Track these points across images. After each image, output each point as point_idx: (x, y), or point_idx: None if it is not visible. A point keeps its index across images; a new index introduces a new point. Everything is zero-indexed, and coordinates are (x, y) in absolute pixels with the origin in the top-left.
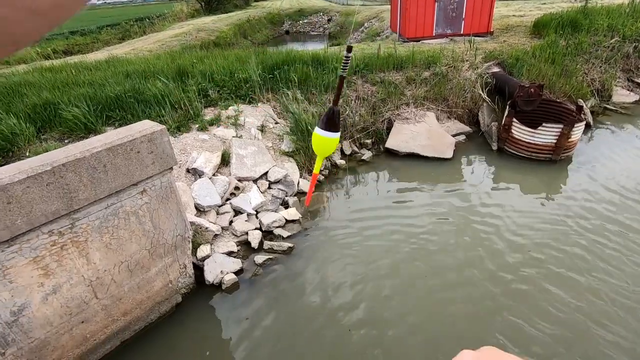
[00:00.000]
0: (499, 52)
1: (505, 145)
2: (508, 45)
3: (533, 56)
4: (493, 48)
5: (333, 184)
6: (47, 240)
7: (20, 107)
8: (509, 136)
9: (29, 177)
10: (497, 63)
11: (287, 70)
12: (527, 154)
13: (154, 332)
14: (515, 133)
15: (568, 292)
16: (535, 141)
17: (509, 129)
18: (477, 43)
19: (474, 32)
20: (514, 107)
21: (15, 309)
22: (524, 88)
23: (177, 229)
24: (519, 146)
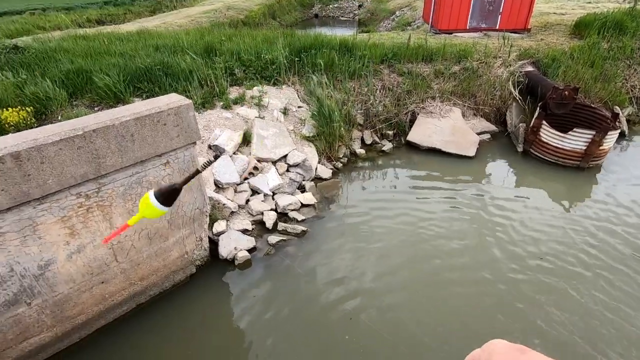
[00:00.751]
0: (534, 51)
1: (531, 148)
2: (545, 44)
3: (571, 57)
4: (529, 46)
5: (351, 172)
6: (74, 201)
7: (55, 72)
8: (536, 139)
9: (62, 140)
10: (532, 62)
11: (314, 55)
12: (554, 159)
13: (168, 299)
14: (544, 136)
15: (563, 307)
16: (564, 146)
17: (537, 132)
18: (512, 40)
19: (510, 28)
20: (545, 109)
21: (42, 264)
22: (558, 90)
23: (196, 203)
24: (546, 150)
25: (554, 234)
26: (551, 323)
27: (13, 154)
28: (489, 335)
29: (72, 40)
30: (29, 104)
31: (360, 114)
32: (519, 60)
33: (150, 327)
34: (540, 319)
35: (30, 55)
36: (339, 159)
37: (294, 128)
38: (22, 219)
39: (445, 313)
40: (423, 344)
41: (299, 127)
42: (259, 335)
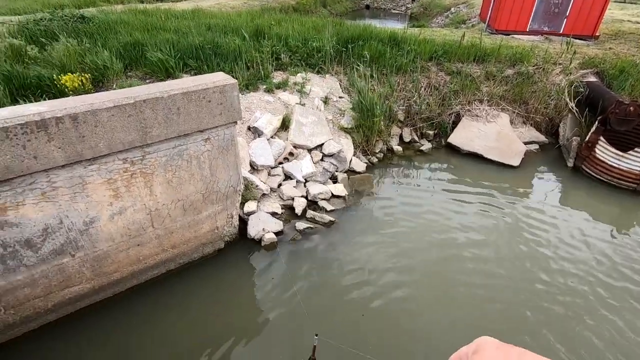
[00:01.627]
0: (600, 60)
1: (583, 164)
2: (613, 54)
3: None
4: (594, 54)
5: (385, 168)
6: (120, 166)
7: (114, 43)
8: (590, 155)
9: (115, 107)
10: (595, 72)
11: (361, 46)
12: (607, 179)
13: (195, 269)
14: (599, 153)
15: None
16: (621, 166)
17: (593, 147)
18: (577, 46)
19: (576, 33)
20: (605, 124)
21: (87, 220)
22: (622, 105)
23: (231, 180)
24: (600, 168)
25: (591, 258)
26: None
27: (71, 115)
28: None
29: (132, 14)
30: (88, 71)
31: (402, 110)
32: (580, 69)
33: (177, 293)
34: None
35: (94, 26)
36: (374, 154)
37: (333, 118)
38: (73, 176)
39: (461, 314)
40: (438, 347)
41: (338, 118)
42: (275, 313)
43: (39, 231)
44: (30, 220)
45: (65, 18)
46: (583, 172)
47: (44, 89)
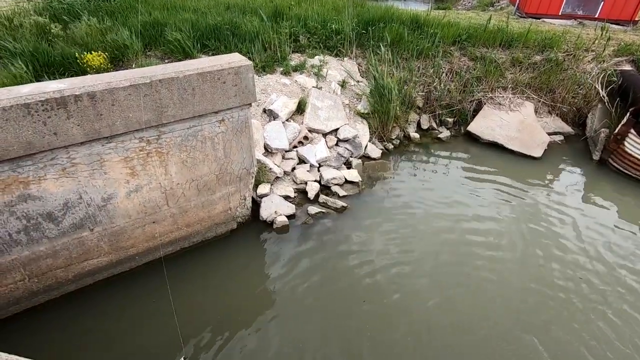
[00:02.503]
0: (637, 47)
1: (610, 157)
2: None
3: None
4: (632, 41)
5: (401, 155)
6: (137, 145)
7: (133, 22)
8: (618, 148)
9: (131, 86)
10: (631, 60)
11: (382, 28)
12: (636, 174)
13: (209, 248)
14: (628, 146)
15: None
16: None
17: (622, 140)
18: (612, 32)
19: (613, 18)
20: (637, 116)
21: (105, 196)
22: None
23: (244, 163)
24: (629, 162)
25: (611, 257)
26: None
27: (90, 93)
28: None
29: None
30: (109, 50)
31: (421, 96)
32: (615, 56)
33: (190, 270)
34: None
35: (115, 4)
36: (390, 140)
37: (350, 102)
38: (92, 153)
39: (468, 305)
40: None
41: (354, 102)
42: (283, 295)
43: (59, 205)
44: (51, 195)
45: None
46: (610, 166)
47: (66, 66)
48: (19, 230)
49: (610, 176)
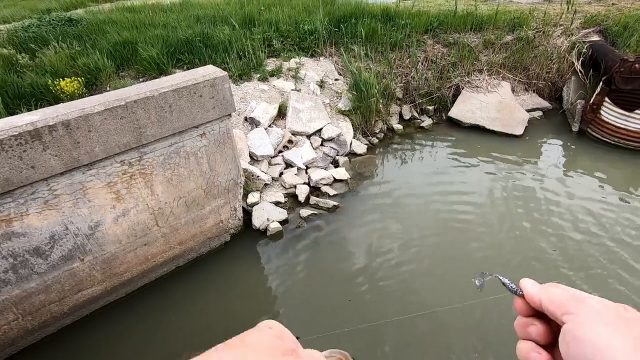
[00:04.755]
0: (602, 17)
1: (589, 127)
2: (616, 9)
3: None
4: (597, 12)
5: (387, 148)
6: (119, 168)
7: (103, 44)
8: (595, 117)
9: (106, 110)
10: (598, 31)
11: (354, 24)
12: (615, 141)
13: (204, 263)
14: (605, 115)
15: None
16: (628, 126)
17: (598, 110)
18: (578, 5)
19: None
20: (610, 84)
21: (92, 224)
22: (627, 62)
23: (230, 173)
24: (606, 130)
25: (600, 223)
26: None
27: (64, 122)
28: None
29: (119, 12)
30: (81, 74)
31: (400, 87)
32: (582, 28)
33: (188, 288)
34: None
35: (83, 28)
36: (374, 135)
37: (330, 101)
38: (73, 182)
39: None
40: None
41: (335, 101)
42: (285, 301)
43: (45, 239)
44: (36, 229)
45: (54, 22)
46: (589, 135)
47: (38, 96)
48: (6, 270)
49: (591, 145)
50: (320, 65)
